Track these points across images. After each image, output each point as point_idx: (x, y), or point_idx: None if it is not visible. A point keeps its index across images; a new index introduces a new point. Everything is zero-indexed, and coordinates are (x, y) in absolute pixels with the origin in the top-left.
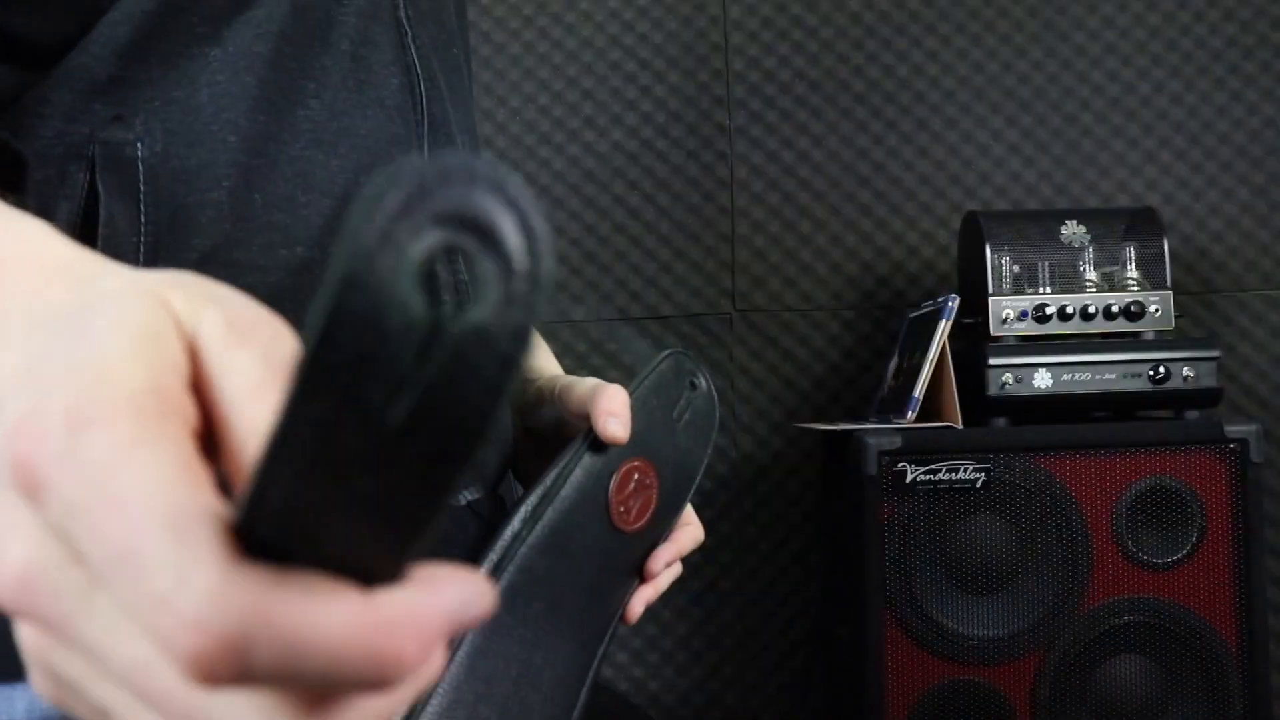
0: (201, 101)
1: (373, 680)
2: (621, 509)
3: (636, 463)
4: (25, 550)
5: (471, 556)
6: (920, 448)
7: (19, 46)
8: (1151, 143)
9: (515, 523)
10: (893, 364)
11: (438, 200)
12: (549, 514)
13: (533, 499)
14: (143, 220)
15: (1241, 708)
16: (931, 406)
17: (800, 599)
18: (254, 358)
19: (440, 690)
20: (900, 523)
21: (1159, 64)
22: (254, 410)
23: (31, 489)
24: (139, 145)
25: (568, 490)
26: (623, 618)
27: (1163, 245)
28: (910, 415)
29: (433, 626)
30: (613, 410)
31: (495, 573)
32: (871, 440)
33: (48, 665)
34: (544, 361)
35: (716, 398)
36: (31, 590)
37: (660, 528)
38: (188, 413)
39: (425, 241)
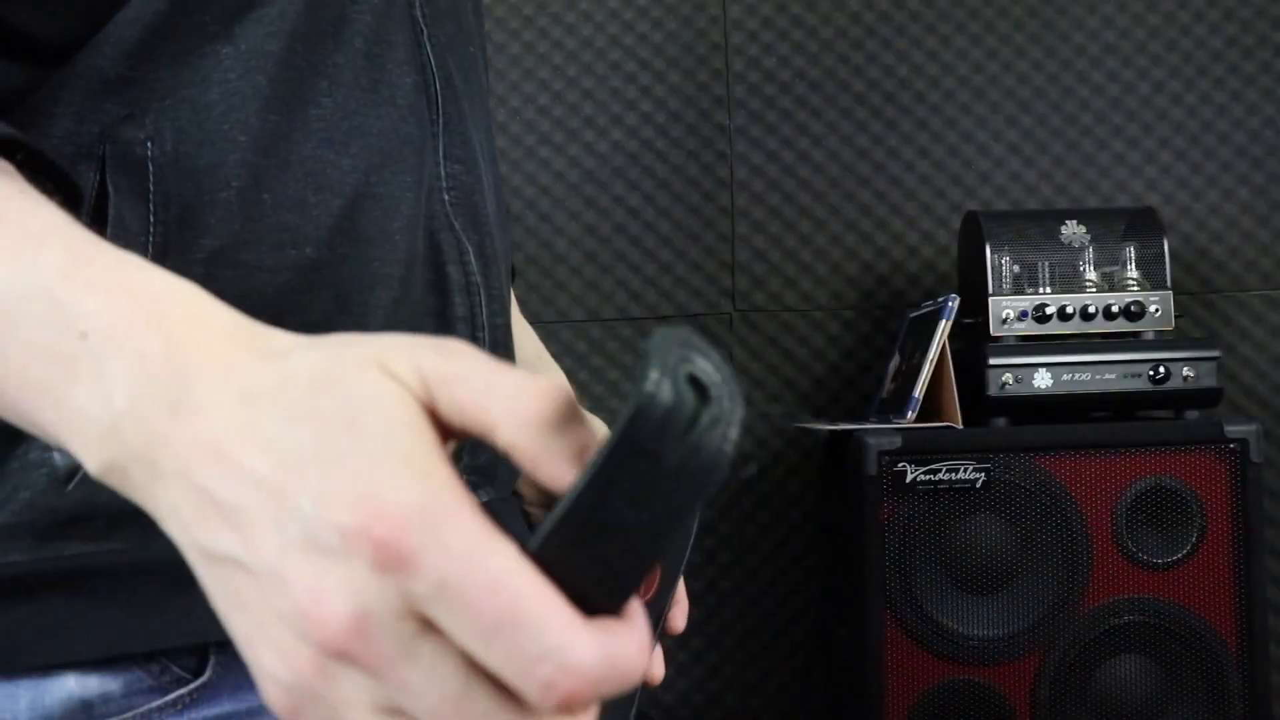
0: (212, 100)
1: (626, 689)
2: None
3: None
4: (352, 597)
5: None
6: (920, 448)
7: (28, 44)
8: (1151, 143)
9: None
10: (893, 364)
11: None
12: None
13: None
14: (151, 220)
15: (1241, 708)
16: (931, 406)
17: (800, 599)
18: (471, 361)
19: None
20: (900, 523)
21: (1159, 64)
22: (496, 394)
23: (397, 565)
24: (149, 144)
25: None
26: (646, 681)
27: (1163, 245)
28: (910, 415)
29: (635, 680)
30: None
31: None
32: (871, 440)
33: (315, 691)
34: (559, 380)
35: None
36: (368, 630)
37: (664, 593)
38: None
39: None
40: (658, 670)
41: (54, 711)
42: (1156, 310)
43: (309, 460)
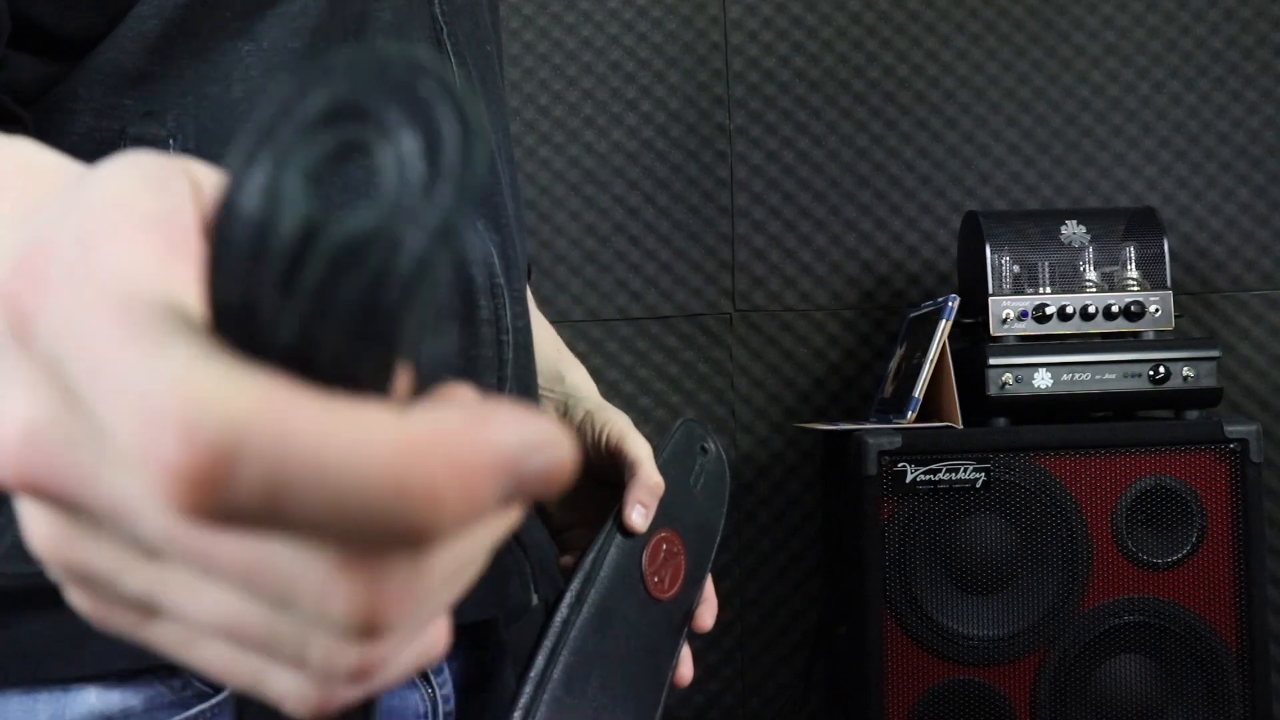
0: (235, 97)
1: (398, 524)
2: (655, 579)
3: (664, 534)
4: (26, 406)
5: (497, 572)
6: (920, 448)
7: (46, 38)
8: (1151, 143)
9: (563, 609)
10: (893, 364)
11: (321, 96)
12: (592, 595)
13: (576, 584)
14: None
15: (1242, 708)
16: (931, 406)
17: (800, 599)
18: None
19: None
20: (900, 522)
21: (1159, 64)
22: None
23: (20, 323)
24: (171, 141)
25: (606, 570)
26: (674, 681)
27: (1163, 245)
28: (910, 415)
29: (476, 459)
30: (642, 500)
31: (552, 657)
32: (871, 440)
33: (74, 566)
34: (576, 377)
35: (725, 460)
36: (38, 448)
37: (691, 591)
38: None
39: (312, 144)
40: (686, 670)
41: None
42: (1156, 310)
43: (16, 233)
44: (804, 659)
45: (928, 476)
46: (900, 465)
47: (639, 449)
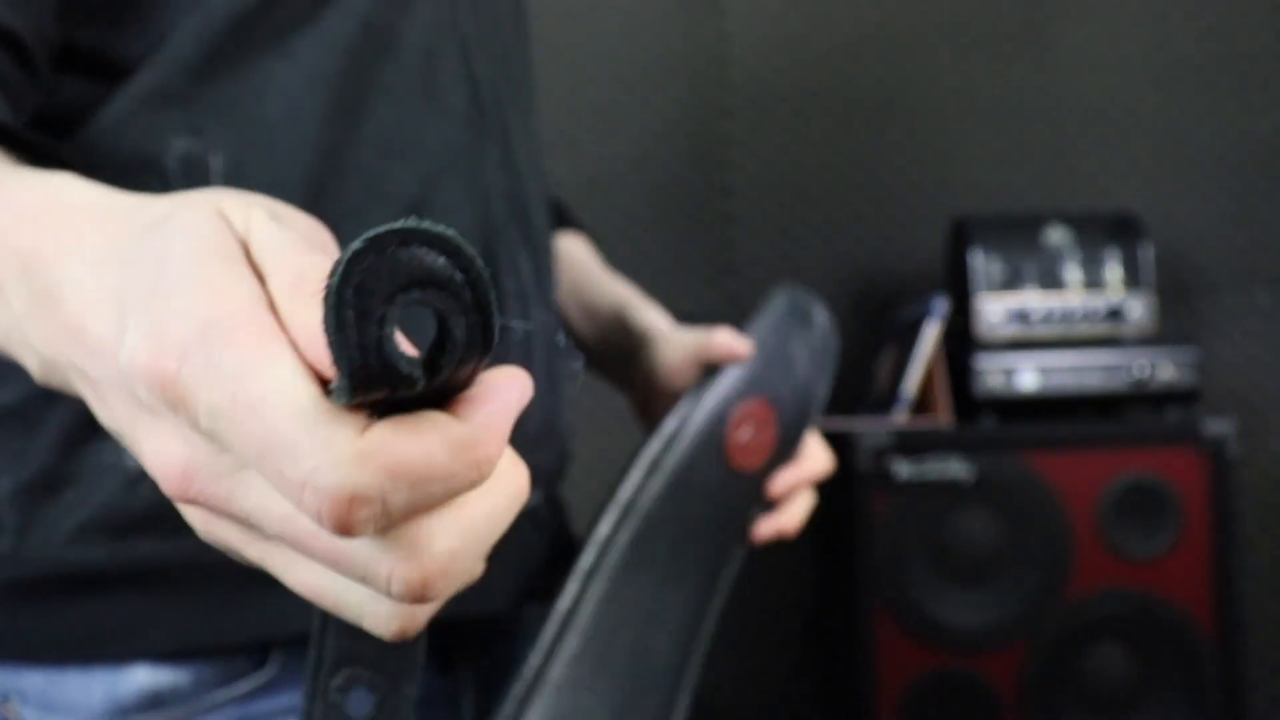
0: (272, 115)
1: (474, 482)
2: (739, 451)
3: (753, 404)
4: (182, 449)
5: (538, 566)
6: (910, 445)
7: (93, 61)
8: (1133, 150)
9: (637, 475)
10: (884, 364)
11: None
12: (669, 462)
13: (655, 448)
14: None
15: (1218, 696)
16: (921, 405)
17: (792, 591)
18: (296, 237)
19: (572, 636)
20: (890, 517)
21: (1141, 75)
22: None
23: (177, 401)
24: (210, 159)
25: (687, 438)
26: (749, 541)
27: (1144, 249)
28: (901, 413)
29: (505, 425)
30: (733, 348)
31: (622, 520)
32: (863, 437)
33: (215, 538)
34: (623, 291)
35: (833, 328)
36: (193, 479)
37: (778, 464)
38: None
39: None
40: (764, 529)
41: (126, 702)
42: (1138, 312)
43: (127, 310)
44: (796, 650)
45: (917, 472)
46: (890, 461)
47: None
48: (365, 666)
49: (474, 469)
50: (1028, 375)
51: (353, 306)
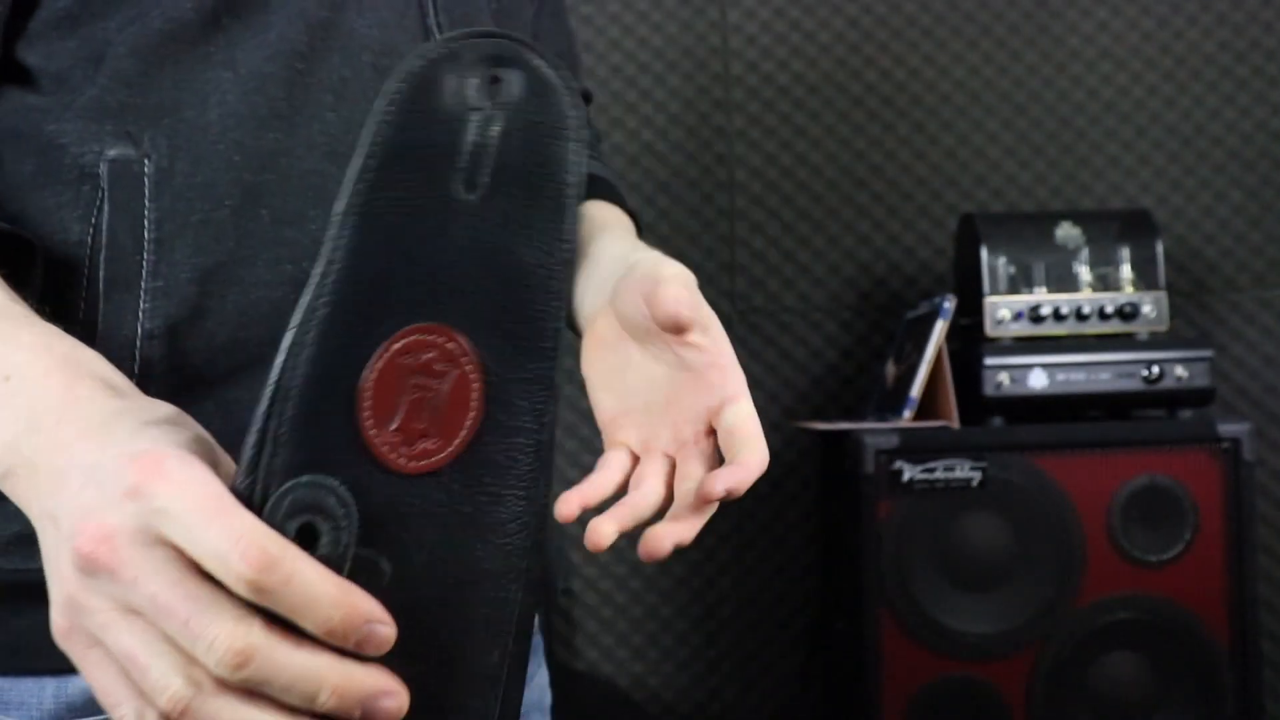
0: (210, 121)
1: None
2: (394, 441)
3: (413, 338)
4: (112, 518)
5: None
6: (917, 447)
7: (30, 74)
8: (1145, 146)
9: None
10: (890, 364)
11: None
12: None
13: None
14: (146, 238)
15: (1233, 704)
16: (928, 406)
17: (798, 596)
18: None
19: None
20: (897, 521)
21: (1153, 68)
22: None
23: (142, 494)
24: (145, 162)
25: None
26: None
27: (1156, 247)
28: (907, 415)
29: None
30: (679, 313)
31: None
32: (869, 439)
33: (92, 630)
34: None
35: (553, 83)
36: (108, 540)
37: (509, 436)
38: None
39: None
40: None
41: (76, 699)
42: (1150, 311)
43: (116, 447)
44: (802, 655)
45: (924, 475)
46: (897, 464)
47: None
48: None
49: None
50: (1037, 375)
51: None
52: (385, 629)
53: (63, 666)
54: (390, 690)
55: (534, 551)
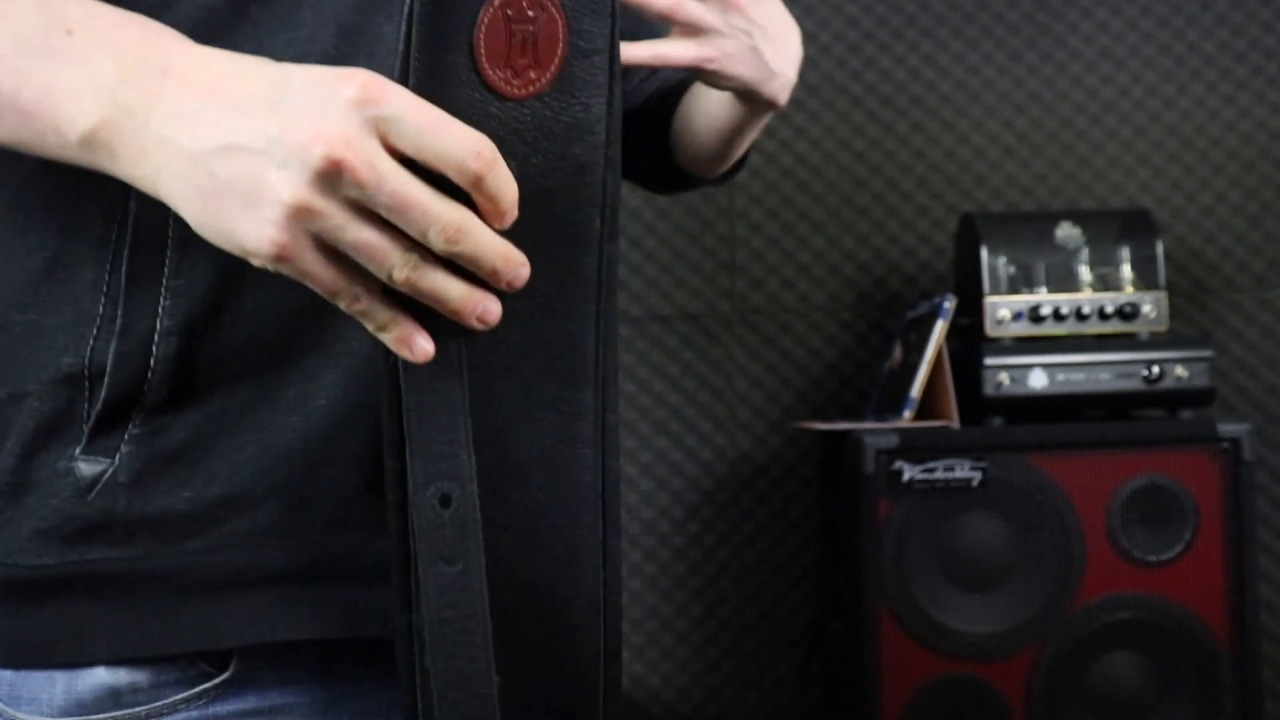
0: None
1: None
2: (499, 60)
3: None
4: (349, 125)
5: None
6: (917, 446)
7: None
8: (1145, 146)
9: None
10: (890, 364)
11: None
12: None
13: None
14: (170, 236)
15: (1233, 703)
16: (928, 406)
17: (798, 595)
18: None
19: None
20: (897, 520)
21: (1152, 68)
22: None
23: (373, 100)
24: None
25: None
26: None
27: (1157, 247)
28: (907, 415)
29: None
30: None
31: None
32: (869, 439)
33: (305, 249)
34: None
35: None
36: (350, 144)
37: (586, 73)
38: None
39: None
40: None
41: (85, 697)
42: (1150, 311)
43: (295, 74)
44: (801, 655)
45: (924, 475)
46: (897, 464)
47: None
48: (445, 479)
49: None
50: (1037, 375)
51: None
52: (514, 213)
53: (73, 662)
54: (524, 262)
55: (615, 143)
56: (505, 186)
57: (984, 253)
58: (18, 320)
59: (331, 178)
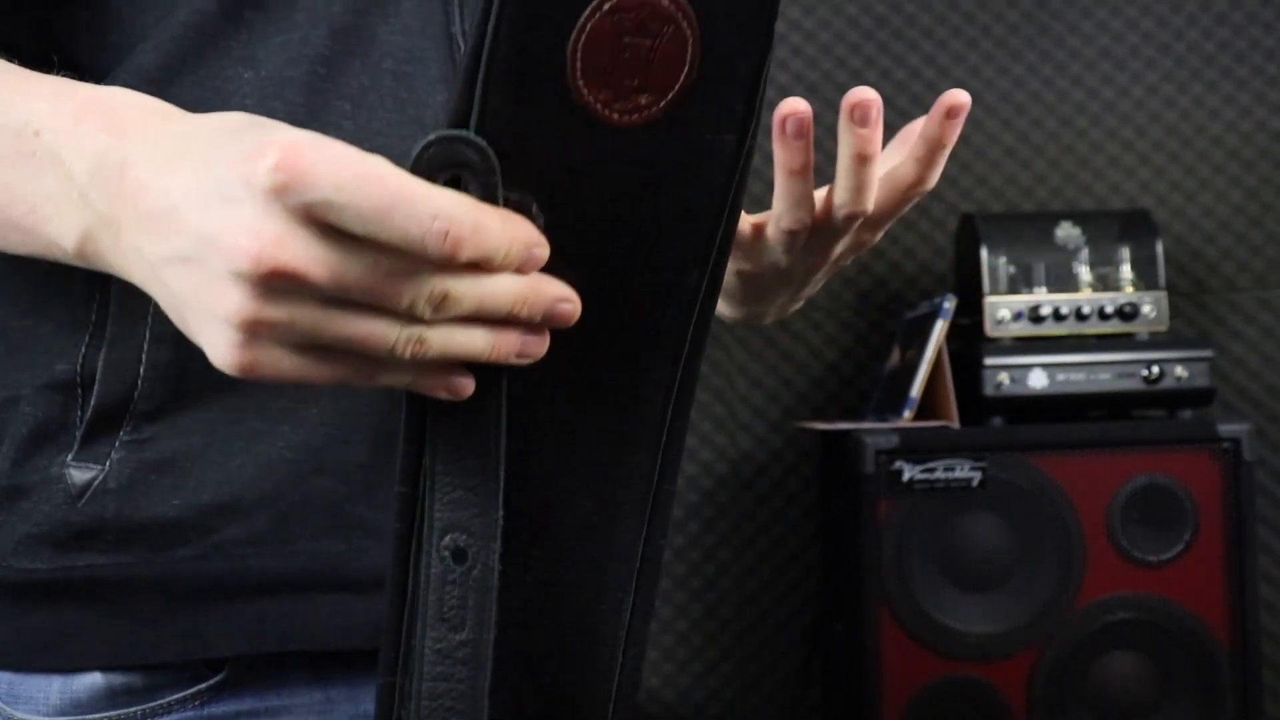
0: None
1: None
2: (604, 88)
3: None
4: (274, 226)
5: None
6: (917, 446)
7: (62, 68)
8: (1145, 146)
9: None
10: (890, 364)
11: None
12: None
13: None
14: None
15: (1233, 703)
16: (928, 406)
17: (798, 596)
18: None
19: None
20: (897, 521)
21: (1153, 68)
22: None
23: (297, 182)
24: None
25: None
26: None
27: (1157, 247)
28: (907, 415)
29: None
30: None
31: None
32: (869, 439)
33: (261, 350)
34: None
35: None
36: (284, 244)
37: (715, 97)
38: None
39: None
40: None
41: (81, 697)
42: (1150, 311)
43: (218, 157)
44: (802, 655)
45: (924, 475)
46: (897, 464)
47: None
48: (461, 531)
49: (492, 234)
50: (1037, 375)
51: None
52: (541, 250)
53: (68, 666)
54: (567, 296)
55: (742, 190)
56: (493, 247)
57: (984, 253)
58: (16, 326)
59: (273, 284)
